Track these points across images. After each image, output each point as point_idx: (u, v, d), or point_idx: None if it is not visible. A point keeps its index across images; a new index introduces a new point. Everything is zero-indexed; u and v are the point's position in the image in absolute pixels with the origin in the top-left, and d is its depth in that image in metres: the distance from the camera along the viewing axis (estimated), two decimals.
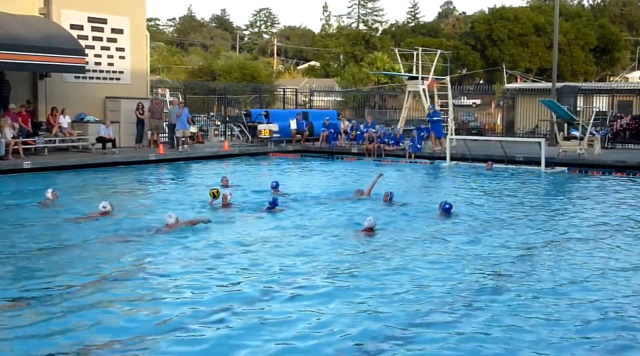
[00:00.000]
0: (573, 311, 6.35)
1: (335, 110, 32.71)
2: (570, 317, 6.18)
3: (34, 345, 5.36)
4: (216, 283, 7.13)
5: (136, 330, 5.69)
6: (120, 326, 5.79)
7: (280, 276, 7.42)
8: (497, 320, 6.07)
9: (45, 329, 5.69)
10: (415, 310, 6.32)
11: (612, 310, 6.44)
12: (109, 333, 5.62)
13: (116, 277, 7.36)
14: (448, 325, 5.94)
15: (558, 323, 6.01)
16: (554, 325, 5.98)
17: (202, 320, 5.95)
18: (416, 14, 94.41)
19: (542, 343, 5.53)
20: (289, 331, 5.72)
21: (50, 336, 5.55)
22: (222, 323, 5.89)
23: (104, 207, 10.69)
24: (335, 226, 10.37)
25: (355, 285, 7.11)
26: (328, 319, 6.04)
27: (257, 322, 5.92)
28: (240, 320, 5.97)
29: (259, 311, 6.21)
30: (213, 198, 11.63)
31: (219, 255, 8.37)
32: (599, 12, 79.34)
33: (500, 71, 58.95)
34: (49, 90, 20.83)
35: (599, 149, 21.54)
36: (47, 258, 8.28)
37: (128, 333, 5.60)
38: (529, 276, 7.58)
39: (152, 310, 6.25)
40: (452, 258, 8.35)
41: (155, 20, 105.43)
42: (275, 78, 66.52)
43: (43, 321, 5.88)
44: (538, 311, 6.34)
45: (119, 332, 5.63)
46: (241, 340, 5.53)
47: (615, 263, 8.27)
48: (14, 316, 6.05)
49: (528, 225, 10.71)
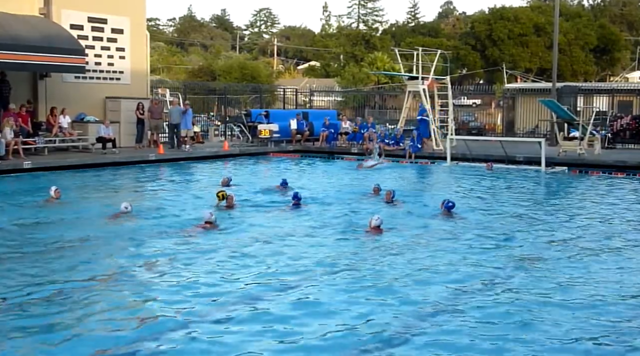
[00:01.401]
0: (573, 311, 6.35)
1: (335, 110, 32.72)
2: (570, 317, 6.18)
3: (49, 339, 5.45)
4: (220, 281, 7.20)
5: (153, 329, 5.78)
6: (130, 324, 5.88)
7: (284, 275, 7.47)
8: (497, 320, 6.07)
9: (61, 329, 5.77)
10: (420, 308, 6.36)
11: (613, 309, 6.44)
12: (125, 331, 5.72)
13: (129, 274, 7.51)
14: (449, 324, 5.95)
15: (558, 323, 6.01)
16: (554, 325, 5.97)
17: (215, 317, 6.05)
18: (416, 14, 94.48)
19: (541, 343, 5.53)
20: (295, 329, 5.77)
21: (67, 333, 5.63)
22: (229, 322, 5.94)
23: (126, 207, 10.79)
24: (343, 224, 10.45)
25: (362, 283, 7.15)
26: (333, 316, 6.07)
27: (261, 320, 5.97)
28: (246, 318, 6.04)
29: (263, 309, 6.24)
30: (220, 200, 11.66)
31: (225, 254, 8.43)
32: (599, 12, 79.33)
33: (500, 71, 58.95)
34: (49, 90, 20.83)
35: (599, 149, 21.54)
36: (72, 254, 8.43)
37: (140, 332, 5.68)
38: (529, 277, 7.58)
39: (160, 306, 6.36)
40: (453, 258, 8.34)
41: (155, 20, 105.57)
42: (275, 78, 66.51)
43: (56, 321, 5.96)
44: (538, 311, 6.34)
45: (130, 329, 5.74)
46: (247, 336, 5.58)
47: (615, 263, 8.27)
48: (26, 315, 6.10)
49: (528, 225, 10.71)
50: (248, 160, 21.73)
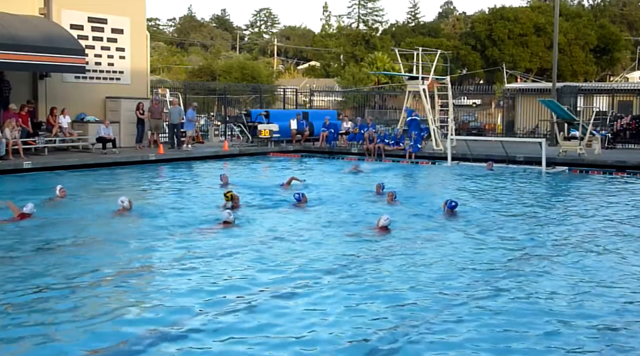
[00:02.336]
0: (573, 311, 6.35)
1: (335, 110, 32.71)
2: (570, 318, 6.18)
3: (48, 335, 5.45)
4: (228, 278, 7.32)
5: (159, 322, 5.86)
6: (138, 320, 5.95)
7: (290, 274, 7.52)
8: (497, 320, 6.07)
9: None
10: (420, 308, 6.37)
11: (613, 308, 6.44)
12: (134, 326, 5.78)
13: (135, 273, 7.59)
14: (450, 323, 5.96)
15: (558, 324, 6.01)
16: (554, 325, 5.97)
17: (219, 317, 6.07)
18: (416, 14, 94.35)
19: (542, 344, 5.53)
20: (300, 328, 5.82)
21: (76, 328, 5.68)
22: (235, 320, 5.99)
23: (122, 201, 10.93)
24: (348, 223, 10.54)
25: (369, 283, 7.21)
26: (336, 316, 6.10)
27: (266, 318, 6.01)
28: (253, 315, 6.10)
29: (268, 309, 6.26)
30: (227, 200, 11.70)
31: (231, 253, 8.47)
32: (599, 12, 79.24)
33: (500, 71, 58.94)
34: (49, 90, 20.83)
35: (599, 149, 21.55)
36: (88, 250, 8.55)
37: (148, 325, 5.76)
38: (529, 277, 7.58)
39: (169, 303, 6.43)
40: (453, 258, 8.34)
41: (155, 20, 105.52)
42: (275, 78, 66.52)
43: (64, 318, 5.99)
44: (539, 311, 6.34)
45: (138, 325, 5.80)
46: (254, 333, 5.62)
47: (615, 263, 8.26)
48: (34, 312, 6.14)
49: (529, 225, 10.71)
50: (248, 160, 21.74)
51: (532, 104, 29.75)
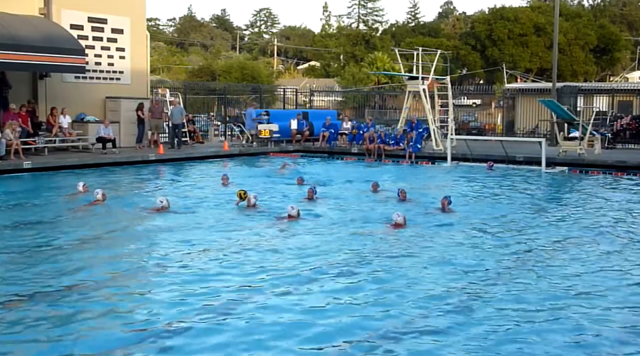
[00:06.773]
0: (573, 310, 6.35)
1: (335, 110, 32.70)
2: (571, 316, 6.18)
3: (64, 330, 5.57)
4: (238, 275, 7.42)
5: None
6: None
7: (303, 271, 7.60)
8: (497, 320, 6.07)
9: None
10: (419, 308, 6.37)
11: (612, 308, 6.43)
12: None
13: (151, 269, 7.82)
14: (450, 324, 5.96)
15: (558, 323, 6.01)
16: (555, 324, 5.98)
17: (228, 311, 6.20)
18: (416, 14, 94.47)
19: (545, 343, 5.53)
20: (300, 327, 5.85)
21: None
22: (244, 317, 6.06)
23: (161, 200, 11.24)
24: (362, 220, 10.69)
25: (383, 280, 7.30)
26: (337, 316, 6.11)
27: (277, 315, 6.09)
28: (259, 313, 6.15)
29: (275, 307, 6.31)
30: (240, 199, 11.71)
31: (237, 251, 8.58)
32: (599, 12, 79.24)
33: (500, 71, 58.93)
34: (49, 90, 20.83)
35: (599, 149, 21.54)
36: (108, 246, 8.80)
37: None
38: (529, 277, 7.57)
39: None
40: (454, 257, 8.35)
41: (155, 20, 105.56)
42: (275, 78, 66.54)
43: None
44: (539, 310, 6.34)
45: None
46: (259, 331, 5.68)
47: (615, 263, 8.26)
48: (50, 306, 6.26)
49: (529, 225, 10.71)
50: (248, 160, 21.73)
51: (532, 104, 29.73)
